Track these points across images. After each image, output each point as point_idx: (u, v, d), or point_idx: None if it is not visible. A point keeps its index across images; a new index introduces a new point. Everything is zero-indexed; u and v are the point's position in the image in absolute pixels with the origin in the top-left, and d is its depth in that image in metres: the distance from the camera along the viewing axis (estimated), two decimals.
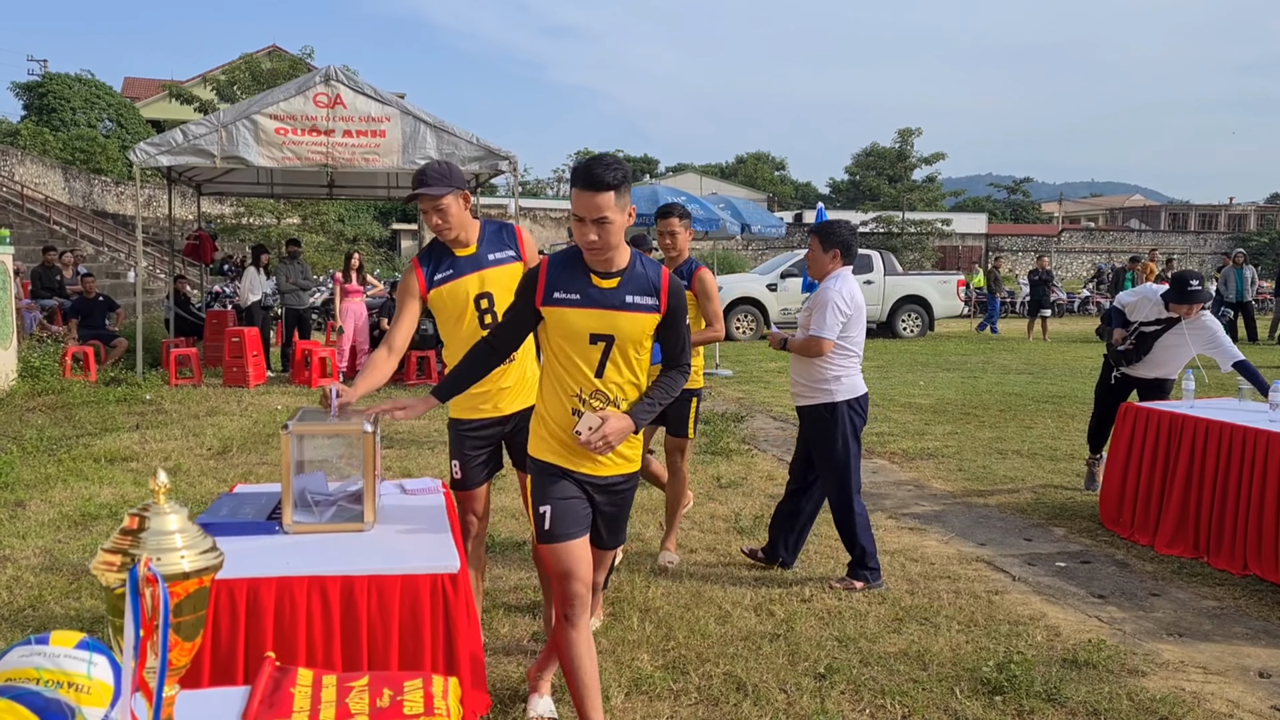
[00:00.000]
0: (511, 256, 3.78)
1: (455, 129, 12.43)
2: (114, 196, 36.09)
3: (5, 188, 28.14)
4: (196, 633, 1.51)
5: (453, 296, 3.70)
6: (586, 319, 2.96)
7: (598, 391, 2.99)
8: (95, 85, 45.42)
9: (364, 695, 2.00)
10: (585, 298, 2.97)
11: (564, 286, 2.99)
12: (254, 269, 14.64)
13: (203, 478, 7.14)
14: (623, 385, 3.03)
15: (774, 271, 20.98)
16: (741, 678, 3.91)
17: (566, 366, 3.01)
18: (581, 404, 3.00)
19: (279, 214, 29.63)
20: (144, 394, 11.11)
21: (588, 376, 2.99)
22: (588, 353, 2.98)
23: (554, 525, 3.04)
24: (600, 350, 2.98)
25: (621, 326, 2.97)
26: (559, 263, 3.04)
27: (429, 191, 3.61)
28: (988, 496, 6.99)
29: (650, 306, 2.99)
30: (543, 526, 3.06)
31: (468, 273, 3.70)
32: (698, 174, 62.18)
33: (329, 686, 2.04)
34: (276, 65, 28.95)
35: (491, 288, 3.71)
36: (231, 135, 11.89)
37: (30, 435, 8.52)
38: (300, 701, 1.97)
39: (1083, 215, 78.00)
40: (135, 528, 1.46)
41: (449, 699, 2.02)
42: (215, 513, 3.25)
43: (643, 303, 2.98)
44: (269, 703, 1.95)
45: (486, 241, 3.76)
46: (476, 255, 3.73)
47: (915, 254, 46.06)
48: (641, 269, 3.01)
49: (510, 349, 3.22)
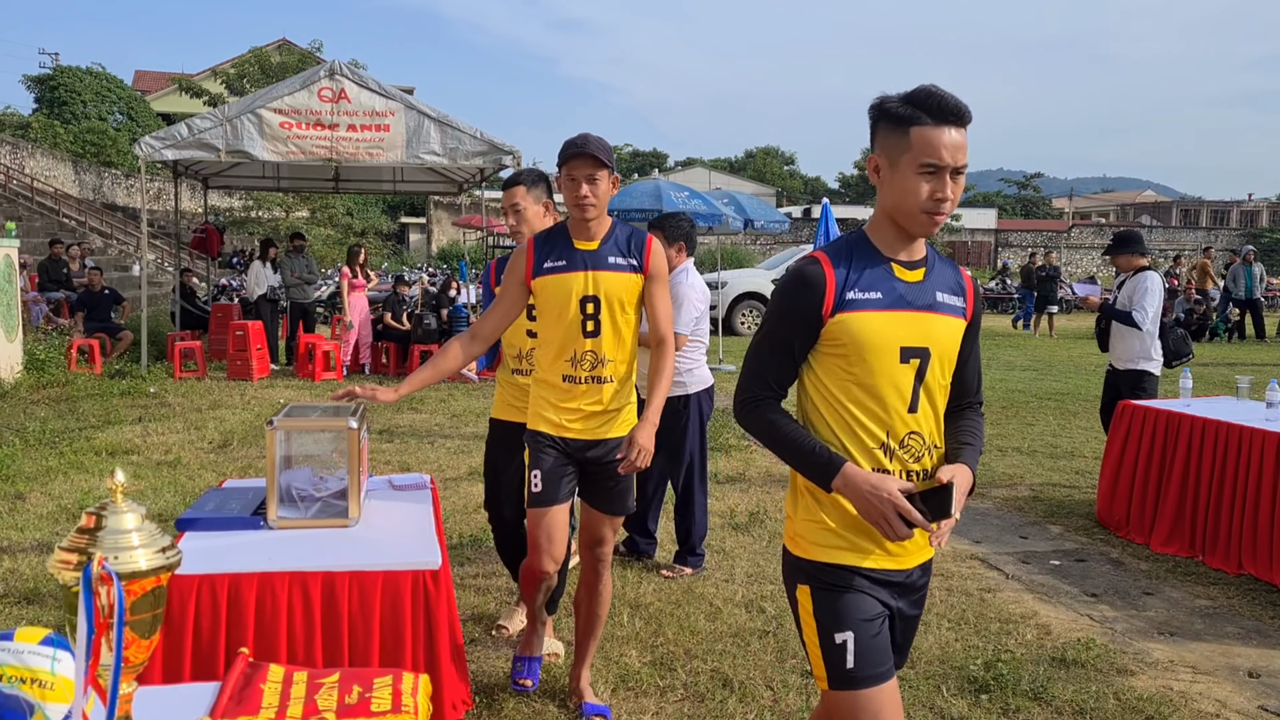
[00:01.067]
0: (633, 265, 3.33)
1: (459, 123, 12.44)
2: (124, 189, 36.21)
3: (16, 180, 28.26)
4: (154, 630, 1.52)
5: (557, 291, 3.29)
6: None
7: None
8: (106, 78, 45.59)
9: (333, 692, 2.01)
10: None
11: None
12: (259, 263, 14.68)
13: (202, 471, 7.18)
14: None
15: (780, 266, 20.96)
16: (728, 674, 3.91)
17: None
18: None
19: (288, 207, 29.67)
20: (148, 387, 11.16)
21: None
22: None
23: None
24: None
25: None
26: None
27: (594, 153, 3.21)
28: (985, 494, 6.98)
29: None
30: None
31: (581, 269, 3.29)
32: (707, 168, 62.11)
33: (299, 683, 2.05)
34: (286, 59, 29.02)
35: (602, 292, 3.28)
36: (236, 129, 11.92)
37: (33, 427, 8.57)
38: (269, 698, 1.98)
39: (1094, 211, 77.70)
40: (92, 526, 1.47)
41: (418, 696, 2.03)
42: (201, 507, 3.26)
43: None
44: (238, 698, 1.97)
45: (612, 242, 3.34)
46: (597, 253, 3.31)
47: None
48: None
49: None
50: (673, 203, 12.38)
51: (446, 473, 7.19)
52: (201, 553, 2.86)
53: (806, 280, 2.17)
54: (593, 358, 3.29)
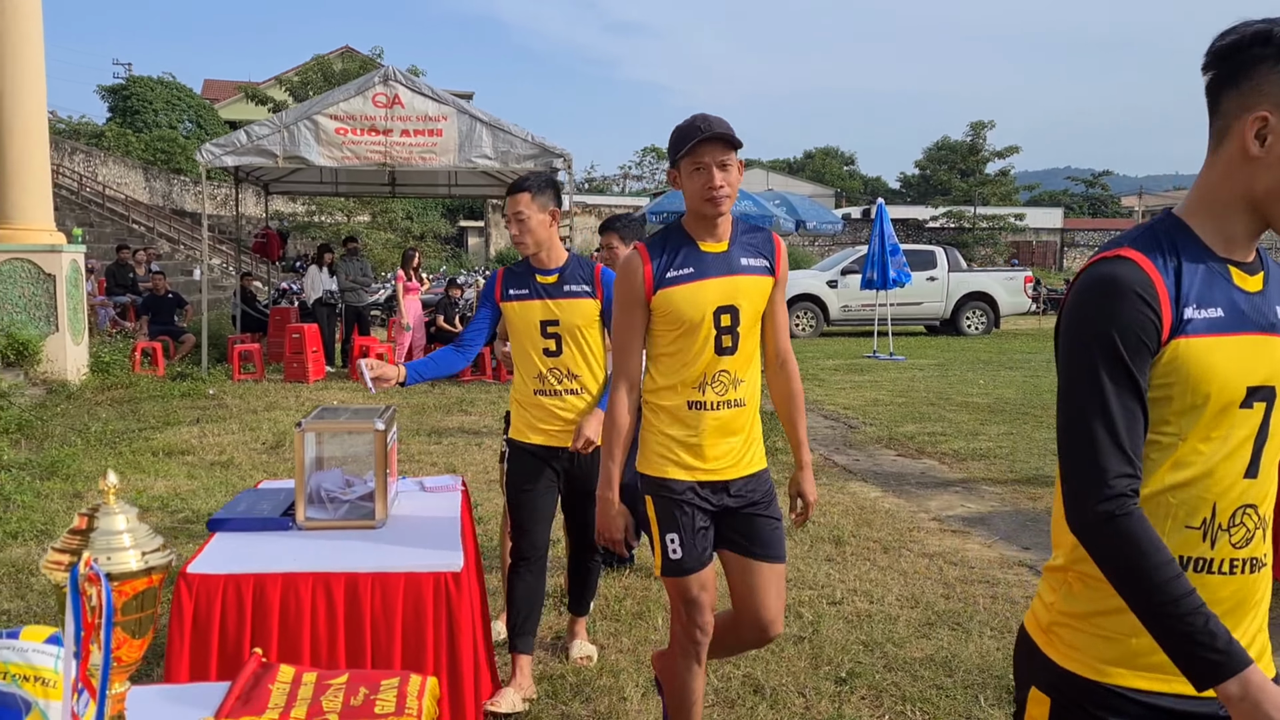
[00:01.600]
0: (765, 268, 2.87)
1: (511, 127, 12.53)
2: (192, 195, 37.06)
3: (89, 188, 29.07)
4: (146, 630, 1.54)
5: (689, 303, 2.78)
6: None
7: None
8: (176, 87, 46.71)
9: (339, 694, 2.02)
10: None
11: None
12: (316, 267, 14.92)
13: (254, 471, 7.30)
14: None
15: (835, 268, 20.77)
16: (760, 680, 3.88)
17: None
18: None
19: (348, 212, 30.17)
20: (207, 389, 11.40)
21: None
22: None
23: None
24: None
25: None
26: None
27: (726, 135, 2.70)
28: (1038, 499, 6.84)
29: None
30: None
31: (714, 275, 2.80)
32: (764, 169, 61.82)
33: (307, 684, 2.07)
34: (348, 66, 29.55)
35: (740, 300, 2.81)
36: (293, 135, 12.13)
37: (95, 428, 8.79)
38: (276, 698, 2.00)
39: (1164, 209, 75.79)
40: (84, 528, 1.49)
41: (424, 699, 2.04)
42: (233, 508, 3.31)
43: None
44: (245, 698, 1.99)
45: (740, 243, 2.86)
46: (728, 255, 2.83)
47: (987, 249, 45.28)
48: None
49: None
50: None
51: (491, 474, 7.23)
52: (229, 553, 2.91)
53: (1124, 287, 1.51)
54: (727, 378, 2.82)
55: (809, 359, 15.91)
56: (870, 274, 15.43)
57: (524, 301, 3.65)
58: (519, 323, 3.67)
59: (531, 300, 3.64)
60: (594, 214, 45.39)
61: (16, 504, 6.26)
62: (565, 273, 3.66)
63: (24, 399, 9.88)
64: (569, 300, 3.63)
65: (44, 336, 11.04)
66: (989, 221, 46.27)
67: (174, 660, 2.70)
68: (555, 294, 3.64)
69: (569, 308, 3.63)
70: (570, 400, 3.66)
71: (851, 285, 19.28)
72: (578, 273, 3.67)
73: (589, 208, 46.06)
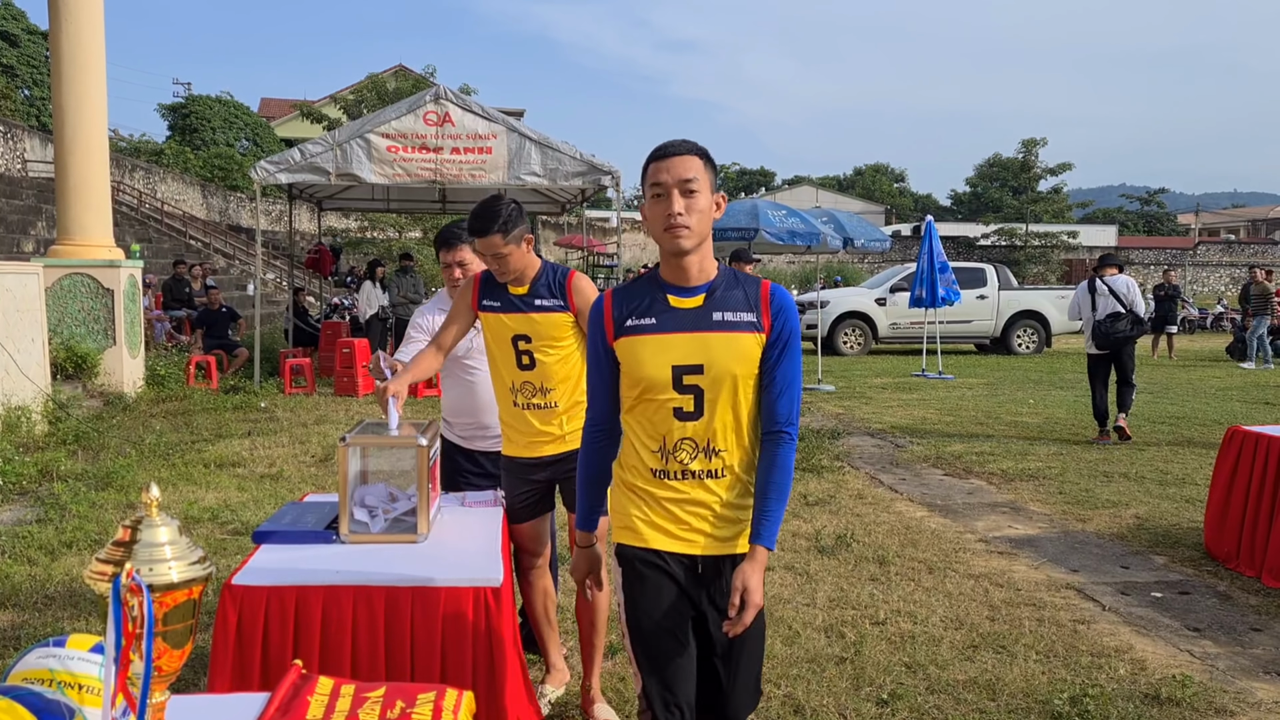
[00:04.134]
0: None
1: (559, 145, 12.62)
2: (249, 212, 37.77)
3: (148, 204, 29.73)
4: (186, 640, 1.57)
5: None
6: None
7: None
8: (234, 106, 47.70)
9: (376, 706, 2.04)
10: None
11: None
12: (369, 282, 15.12)
13: (303, 484, 7.40)
14: None
15: (883, 285, 20.63)
16: (801, 700, 3.85)
17: None
18: None
19: (400, 228, 30.53)
20: (259, 402, 11.58)
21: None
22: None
23: None
24: None
25: None
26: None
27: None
28: (1087, 521, 6.72)
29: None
30: None
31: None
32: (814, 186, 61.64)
33: (345, 696, 2.09)
34: (401, 84, 29.94)
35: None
36: (345, 153, 12.33)
37: (150, 440, 8.97)
38: (315, 710, 2.02)
39: (1222, 227, 74.49)
40: (127, 539, 1.53)
41: (459, 713, 2.05)
42: (279, 520, 3.36)
43: None
44: (284, 709, 2.01)
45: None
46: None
47: (1039, 267, 44.70)
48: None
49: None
50: (770, 221, 12.32)
51: None
52: (273, 565, 2.95)
53: None
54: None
55: (858, 377, 15.80)
56: (919, 292, 15.29)
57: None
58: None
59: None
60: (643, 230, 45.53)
61: (72, 514, 6.40)
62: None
63: (82, 411, 10.11)
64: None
65: (102, 350, 11.30)
66: (1041, 239, 45.68)
67: (218, 671, 2.75)
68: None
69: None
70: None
71: (900, 303, 19.13)
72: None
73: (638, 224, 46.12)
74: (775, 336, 2.43)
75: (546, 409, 3.55)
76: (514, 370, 3.56)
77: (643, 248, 44.27)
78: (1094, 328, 9.67)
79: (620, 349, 2.48)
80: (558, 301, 3.50)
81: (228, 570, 3.24)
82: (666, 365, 2.40)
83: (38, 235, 20.14)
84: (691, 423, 2.42)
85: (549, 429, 3.57)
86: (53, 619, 4.62)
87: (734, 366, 2.40)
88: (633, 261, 38.39)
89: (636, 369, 2.44)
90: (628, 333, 2.45)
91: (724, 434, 2.44)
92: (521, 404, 3.57)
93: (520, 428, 3.61)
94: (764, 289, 2.46)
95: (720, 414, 2.42)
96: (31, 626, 4.51)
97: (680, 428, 2.43)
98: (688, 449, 2.44)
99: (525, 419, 3.57)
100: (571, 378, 3.57)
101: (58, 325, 11.08)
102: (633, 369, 2.45)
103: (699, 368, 2.39)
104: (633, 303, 2.47)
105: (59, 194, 11.61)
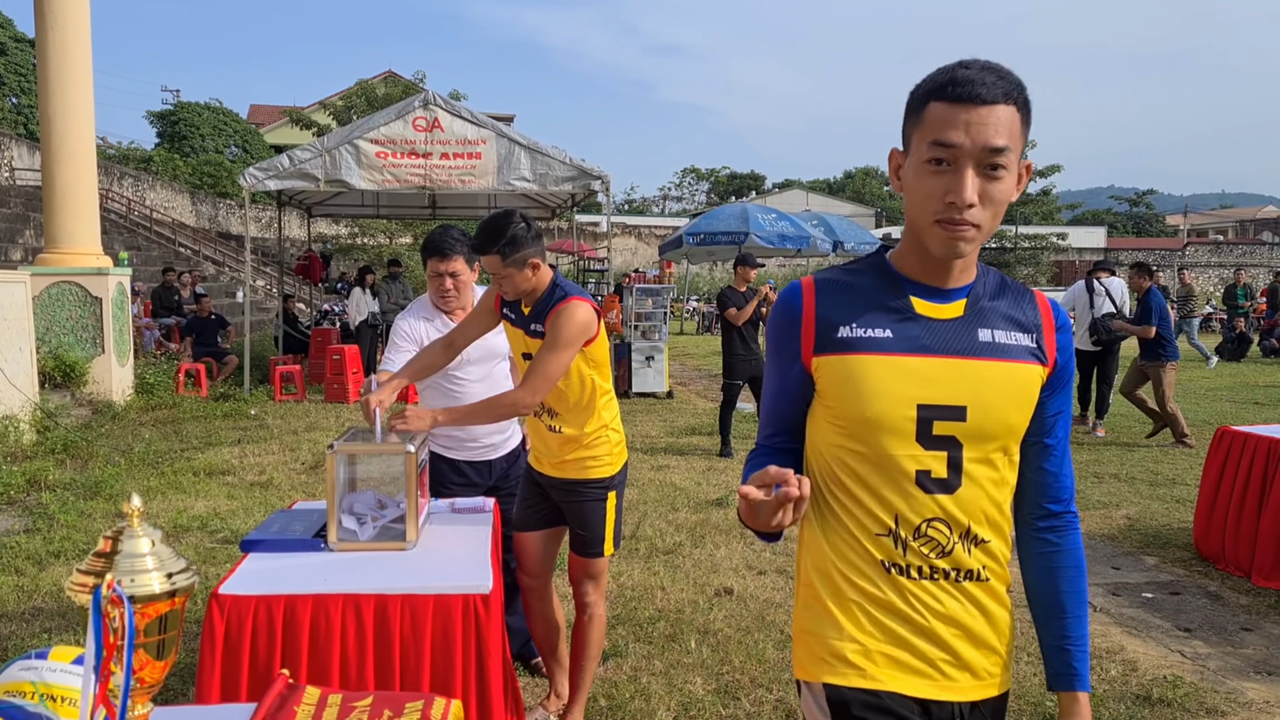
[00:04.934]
0: None
1: (549, 150, 12.62)
2: (238, 219, 37.66)
3: (136, 211, 29.64)
4: (169, 651, 1.56)
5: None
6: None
7: None
8: (223, 113, 47.60)
9: (364, 715, 2.02)
10: None
11: None
12: (360, 289, 15.09)
13: (293, 491, 7.37)
14: None
15: None
16: (792, 705, 3.84)
17: None
18: None
19: (390, 234, 30.49)
20: (249, 409, 11.53)
21: None
22: None
23: None
24: None
25: None
26: None
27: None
28: None
29: None
30: None
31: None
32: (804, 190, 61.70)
33: (333, 705, 2.07)
34: (391, 90, 29.87)
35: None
36: (334, 159, 12.31)
37: (139, 448, 8.93)
38: (301, 719, 2.01)
39: (1210, 228, 74.80)
40: (109, 550, 1.51)
41: None
42: (267, 529, 3.34)
43: None
44: (271, 719, 2.00)
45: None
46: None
47: (1029, 269, 44.80)
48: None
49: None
50: (760, 225, 12.33)
51: None
52: (260, 574, 2.93)
53: None
54: None
55: None
56: None
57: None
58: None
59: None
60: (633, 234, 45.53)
61: (60, 523, 6.37)
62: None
63: (70, 419, 10.06)
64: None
65: (90, 358, 11.25)
66: (1031, 241, 45.77)
67: (205, 681, 2.72)
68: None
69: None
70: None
71: None
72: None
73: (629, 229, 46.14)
74: (1060, 371, 1.69)
75: (551, 431, 3.45)
76: None
77: (634, 252, 44.24)
78: (1091, 324, 10.29)
79: (824, 371, 1.67)
80: (543, 330, 3.32)
81: (216, 579, 3.22)
82: (910, 403, 1.61)
83: (25, 244, 20.07)
84: (946, 496, 1.63)
85: (550, 449, 3.49)
86: (40, 630, 4.59)
87: (1010, 413, 1.63)
88: (624, 265, 38.38)
89: (855, 404, 1.63)
90: (841, 348, 1.65)
91: (990, 513, 1.66)
92: (536, 415, 3.49)
93: (533, 437, 3.59)
94: (1040, 300, 1.73)
95: (986, 483, 1.65)
96: (18, 638, 4.47)
97: (927, 504, 1.63)
98: (940, 533, 1.63)
99: (538, 430, 3.52)
100: (581, 405, 3.40)
101: (45, 334, 11.03)
102: (848, 404, 1.63)
103: (959, 411, 1.61)
104: (849, 301, 1.67)
105: (46, 202, 11.56)
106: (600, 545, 3.52)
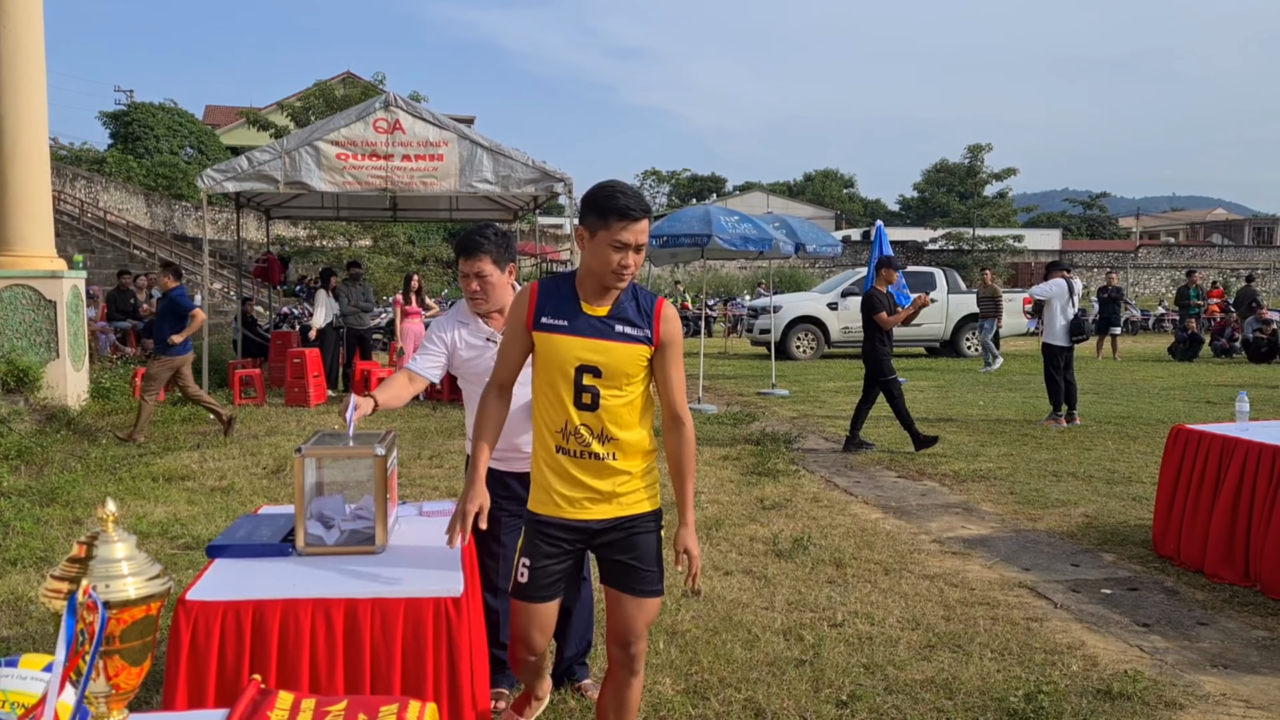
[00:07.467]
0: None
1: (511, 152, 12.59)
2: (194, 221, 37.21)
3: (90, 214, 29.19)
4: (144, 657, 1.55)
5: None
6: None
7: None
8: (178, 113, 46.92)
9: (339, 719, 2.02)
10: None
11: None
12: (323, 292, 14.95)
13: (255, 496, 7.30)
14: None
15: (834, 290, 20.82)
16: (761, 704, 3.87)
17: None
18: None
19: (350, 236, 30.24)
20: (208, 414, 11.38)
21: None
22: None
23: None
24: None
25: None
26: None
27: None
28: (1037, 520, 6.83)
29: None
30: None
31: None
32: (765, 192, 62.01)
33: (306, 710, 2.06)
34: (349, 92, 29.63)
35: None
36: (294, 161, 12.20)
37: (95, 454, 8.79)
38: None
39: (1162, 230, 76.09)
40: (83, 555, 1.50)
41: None
42: (233, 534, 3.31)
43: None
44: None
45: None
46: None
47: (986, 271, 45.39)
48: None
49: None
50: (723, 227, 12.38)
51: None
52: (228, 579, 2.91)
53: None
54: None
55: (811, 381, 15.91)
56: None
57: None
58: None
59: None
60: None
61: (16, 531, 6.26)
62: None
63: (24, 425, 9.88)
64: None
65: (45, 363, 11.06)
66: (988, 243, 46.37)
67: (171, 688, 2.70)
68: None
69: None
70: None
71: (852, 307, 19.26)
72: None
73: None
74: None
75: (602, 460, 2.92)
76: (568, 408, 2.90)
77: None
78: (1073, 323, 11.01)
79: None
80: (643, 331, 2.91)
81: (181, 586, 3.18)
82: None
83: None
84: None
85: (599, 485, 2.94)
86: None
87: None
88: None
89: None
90: None
91: None
92: (573, 450, 2.92)
93: (558, 479, 2.96)
94: None
95: None
96: None
97: None
98: None
99: (567, 470, 2.93)
100: (635, 425, 2.96)
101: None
102: None
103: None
104: None
105: None
106: (663, 579, 3.17)
